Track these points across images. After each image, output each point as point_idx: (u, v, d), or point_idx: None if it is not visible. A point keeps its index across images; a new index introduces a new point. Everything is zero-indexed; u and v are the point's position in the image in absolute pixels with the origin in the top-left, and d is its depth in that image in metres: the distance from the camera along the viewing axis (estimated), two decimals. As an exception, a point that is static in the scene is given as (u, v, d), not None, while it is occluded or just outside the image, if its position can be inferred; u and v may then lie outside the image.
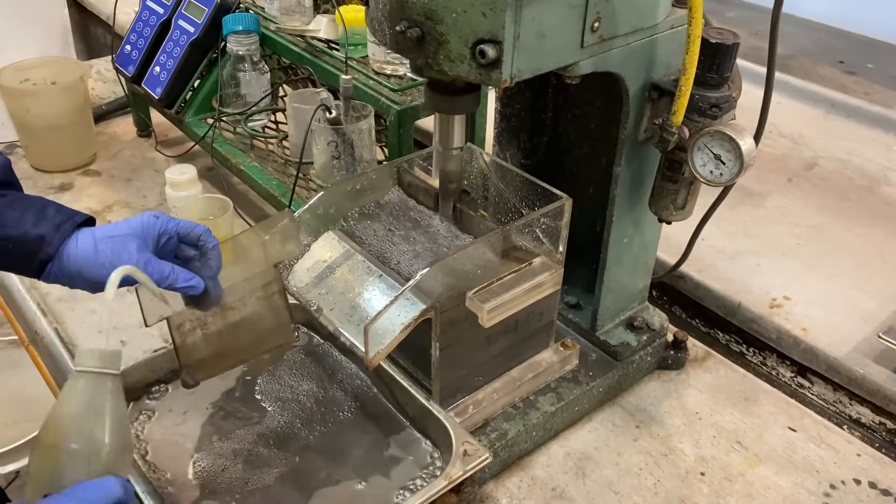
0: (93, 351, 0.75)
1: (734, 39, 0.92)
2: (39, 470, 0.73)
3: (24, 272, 0.87)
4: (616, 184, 1.05)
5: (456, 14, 0.78)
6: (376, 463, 0.97)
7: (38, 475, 0.73)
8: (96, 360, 0.74)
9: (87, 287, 0.87)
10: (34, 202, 0.87)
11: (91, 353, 0.75)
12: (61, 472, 0.71)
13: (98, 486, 0.71)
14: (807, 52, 2.57)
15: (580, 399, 1.13)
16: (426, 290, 0.90)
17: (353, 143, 1.27)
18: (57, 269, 0.86)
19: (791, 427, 1.15)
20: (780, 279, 1.41)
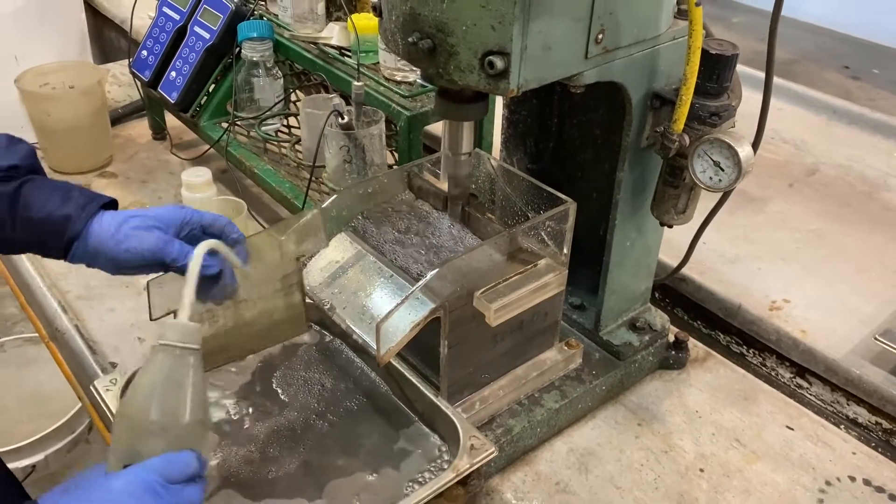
0: (175, 325, 0.77)
1: (733, 50, 0.95)
2: (120, 440, 0.75)
3: (52, 253, 0.91)
4: (619, 189, 1.08)
5: (466, 27, 0.82)
6: (386, 456, 1.00)
7: (119, 446, 0.75)
8: (178, 335, 0.76)
9: (110, 267, 0.91)
10: (59, 185, 0.92)
11: (173, 327, 0.76)
12: (141, 444, 0.74)
13: (176, 459, 0.73)
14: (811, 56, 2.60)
15: (583, 397, 1.16)
16: (435, 290, 0.94)
17: (365, 148, 1.31)
18: (82, 248, 0.89)
19: (789, 426, 1.18)
20: (780, 283, 1.45)
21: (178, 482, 0.73)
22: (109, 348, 1.27)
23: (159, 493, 0.71)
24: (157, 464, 0.73)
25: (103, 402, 1.01)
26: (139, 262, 0.89)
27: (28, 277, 1.42)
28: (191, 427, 0.76)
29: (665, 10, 0.97)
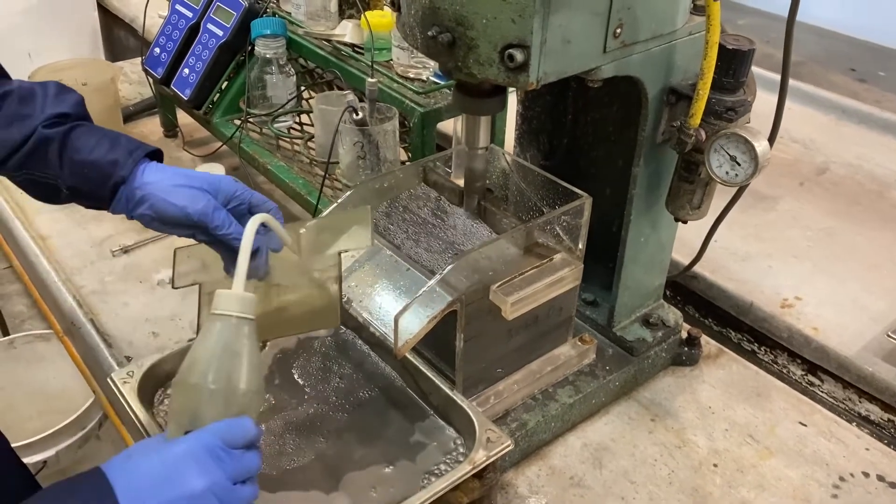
0: (231, 295, 0.77)
1: (750, 46, 0.96)
2: (179, 407, 0.76)
3: (98, 199, 0.91)
4: (634, 184, 1.09)
5: (486, 20, 0.83)
6: (403, 449, 1.01)
7: (179, 412, 0.76)
8: (234, 305, 0.77)
9: (149, 218, 0.90)
10: (108, 133, 0.93)
11: (229, 297, 0.77)
12: (200, 411, 0.74)
13: (236, 425, 0.74)
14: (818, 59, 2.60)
15: (597, 392, 1.16)
16: (452, 284, 0.94)
17: (378, 144, 1.32)
18: (128, 193, 0.90)
19: (802, 422, 1.18)
20: (791, 280, 1.45)
21: (238, 448, 0.74)
22: (124, 342, 1.27)
23: (221, 458, 0.72)
24: (218, 429, 0.73)
25: (120, 395, 1.02)
26: (182, 220, 0.89)
27: (43, 273, 1.43)
28: (247, 395, 0.76)
29: (682, 6, 0.97)
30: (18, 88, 0.94)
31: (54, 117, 0.91)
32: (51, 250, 1.49)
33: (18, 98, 0.92)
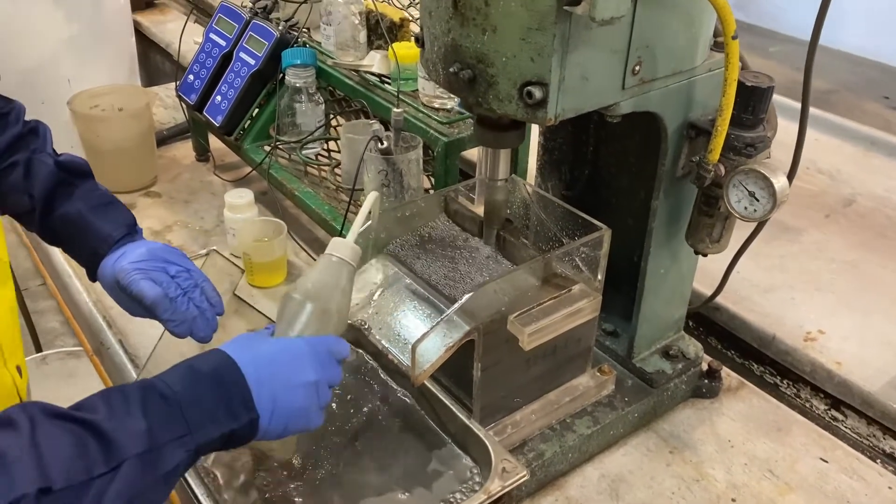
0: (345, 243, 0.93)
1: (769, 83, 0.96)
2: (286, 316, 0.89)
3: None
4: (654, 217, 1.10)
5: (506, 58, 0.85)
6: (418, 476, 1.02)
7: (284, 320, 0.89)
8: (346, 251, 0.92)
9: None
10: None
11: (344, 244, 0.92)
12: (297, 322, 0.88)
13: (338, 342, 0.88)
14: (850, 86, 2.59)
15: (615, 423, 1.16)
16: (470, 313, 0.96)
17: (402, 172, 1.34)
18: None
19: (823, 458, 1.17)
20: (814, 313, 1.44)
21: (336, 360, 0.87)
22: (151, 363, 1.30)
23: (325, 363, 0.85)
24: (328, 340, 0.87)
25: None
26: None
27: (75, 293, 1.47)
28: (340, 324, 0.91)
29: (702, 43, 0.99)
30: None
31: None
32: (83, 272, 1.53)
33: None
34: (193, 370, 0.78)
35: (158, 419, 0.71)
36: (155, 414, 0.72)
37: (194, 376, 0.77)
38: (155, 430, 0.71)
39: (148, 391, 0.73)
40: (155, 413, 0.72)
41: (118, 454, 0.68)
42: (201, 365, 0.79)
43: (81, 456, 0.66)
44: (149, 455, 0.69)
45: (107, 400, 0.71)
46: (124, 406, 0.71)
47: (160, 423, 0.71)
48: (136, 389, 0.73)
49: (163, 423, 0.72)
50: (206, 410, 0.75)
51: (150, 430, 0.70)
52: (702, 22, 0.96)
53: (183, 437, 0.72)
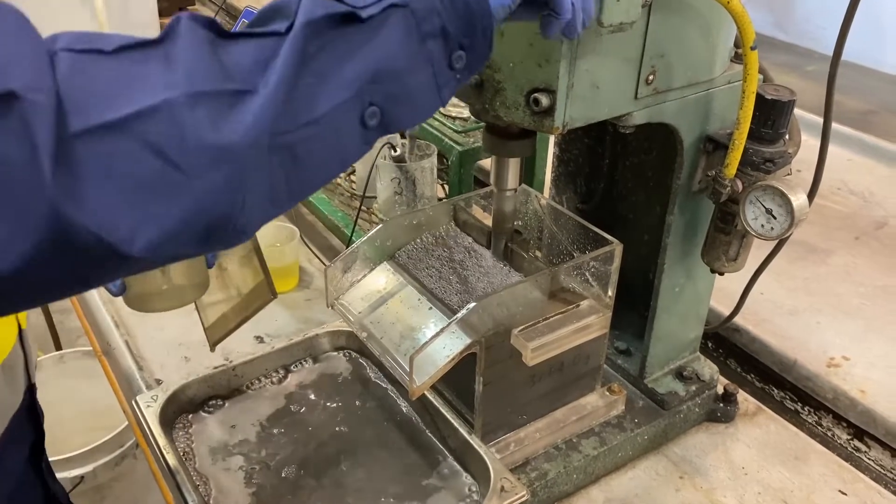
0: None
1: (790, 97, 0.93)
2: None
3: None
4: (668, 232, 1.06)
5: (513, 64, 0.82)
6: (416, 491, 0.99)
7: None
8: None
9: None
10: None
11: None
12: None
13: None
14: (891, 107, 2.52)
15: (624, 445, 1.13)
16: (472, 325, 0.93)
17: (416, 181, 1.32)
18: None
19: (842, 490, 1.12)
20: (839, 339, 1.39)
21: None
22: (156, 365, 1.30)
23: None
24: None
25: (143, 417, 1.03)
26: None
27: (86, 293, 1.47)
28: None
29: (720, 54, 0.95)
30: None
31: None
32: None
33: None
34: None
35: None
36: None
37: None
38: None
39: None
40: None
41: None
42: None
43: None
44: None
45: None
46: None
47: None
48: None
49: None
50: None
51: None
52: (720, 31, 0.92)
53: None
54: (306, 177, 0.58)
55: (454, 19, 0.62)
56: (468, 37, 0.63)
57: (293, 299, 1.46)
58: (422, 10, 0.60)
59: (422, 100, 0.63)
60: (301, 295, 1.48)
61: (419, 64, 0.61)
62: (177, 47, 0.52)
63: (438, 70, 0.62)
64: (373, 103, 0.60)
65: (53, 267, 0.47)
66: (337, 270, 1.06)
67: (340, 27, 0.57)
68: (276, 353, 1.16)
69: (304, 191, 0.60)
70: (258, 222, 0.57)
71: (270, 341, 1.31)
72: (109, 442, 1.89)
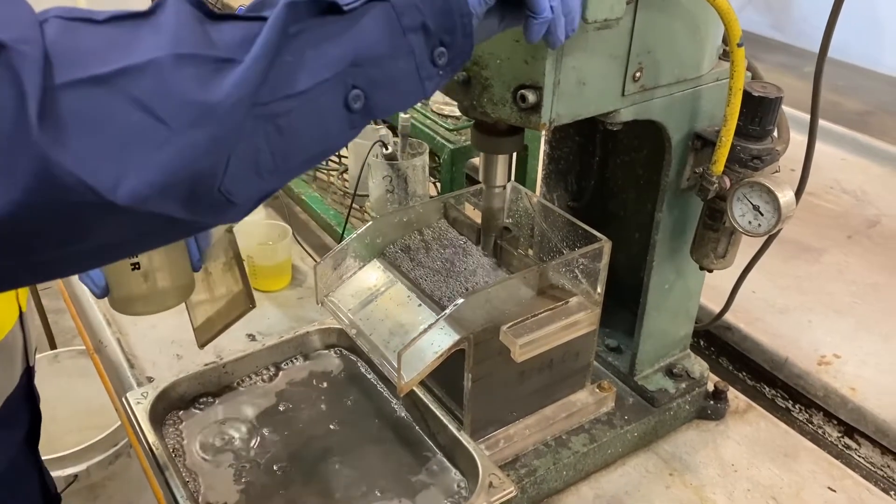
0: None
1: (777, 93, 0.93)
2: None
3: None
4: (657, 230, 1.06)
5: (500, 60, 0.82)
6: (404, 487, 0.99)
7: None
8: None
9: None
10: None
11: None
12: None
13: None
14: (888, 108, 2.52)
15: (613, 442, 1.13)
16: (460, 321, 0.93)
17: (408, 179, 1.32)
18: None
19: (831, 487, 1.12)
20: (830, 336, 1.39)
21: None
22: (148, 363, 1.30)
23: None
24: None
25: (133, 414, 1.03)
26: None
27: (79, 290, 1.47)
28: None
29: (708, 51, 0.96)
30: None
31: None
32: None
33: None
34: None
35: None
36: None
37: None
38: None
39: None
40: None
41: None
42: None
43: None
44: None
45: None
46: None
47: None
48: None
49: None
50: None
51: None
52: (708, 29, 0.92)
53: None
54: (291, 150, 0.59)
55: (434, 14, 0.62)
56: (449, 34, 0.63)
57: (285, 297, 1.47)
58: (401, 5, 0.61)
59: (405, 86, 0.64)
60: (293, 293, 1.48)
61: (401, 53, 0.62)
62: (165, 15, 0.54)
63: (421, 63, 0.63)
64: (356, 86, 0.60)
65: (44, 215, 0.49)
66: (327, 267, 1.07)
67: (321, 16, 0.58)
68: (267, 350, 1.16)
69: (289, 165, 0.60)
70: (244, 192, 0.58)
71: (262, 339, 1.31)
72: (103, 441, 1.89)
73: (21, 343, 0.87)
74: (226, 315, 1.08)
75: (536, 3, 0.68)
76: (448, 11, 0.63)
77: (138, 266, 0.89)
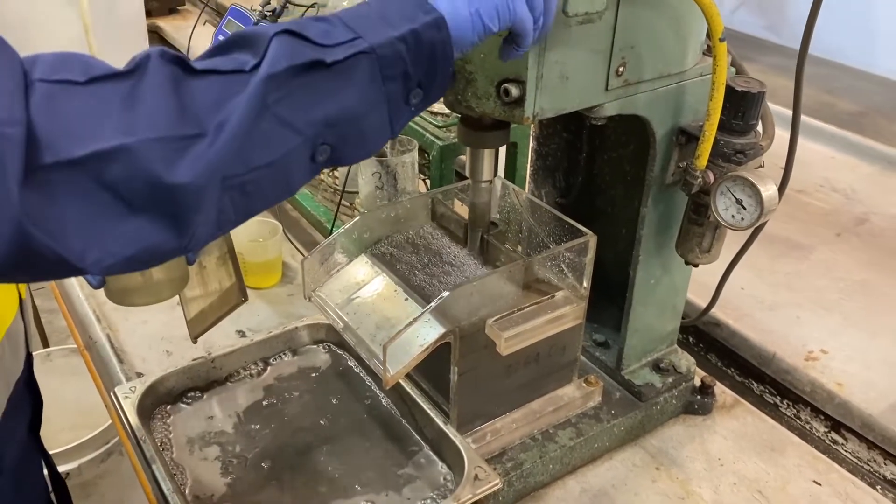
0: None
1: (760, 88, 0.94)
2: None
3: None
4: (643, 225, 1.07)
5: (483, 54, 0.83)
6: (391, 481, 1.00)
7: None
8: None
9: None
10: None
11: None
12: None
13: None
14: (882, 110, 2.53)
15: (600, 436, 1.13)
16: (446, 314, 0.94)
17: (397, 175, 1.33)
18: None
19: (816, 480, 1.13)
20: (818, 332, 1.40)
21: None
22: (138, 359, 1.30)
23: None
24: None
25: (120, 408, 1.04)
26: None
27: (69, 286, 1.47)
28: None
29: (692, 47, 0.96)
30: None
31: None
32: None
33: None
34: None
35: (318, 32, 0.62)
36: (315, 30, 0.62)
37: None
38: (318, 38, 0.61)
39: (305, 27, 0.62)
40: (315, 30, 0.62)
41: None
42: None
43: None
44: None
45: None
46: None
47: (322, 33, 0.62)
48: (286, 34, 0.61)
49: (324, 33, 0.62)
50: (372, 19, 0.64)
51: (312, 38, 0.61)
52: (691, 24, 0.93)
53: (352, 40, 0.62)
54: (254, 206, 0.63)
55: (417, 63, 0.65)
56: (428, 77, 0.66)
57: (276, 294, 1.47)
58: (387, 57, 0.63)
59: (374, 138, 0.67)
60: (284, 290, 1.48)
61: (377, 106, 0.64)
62: (143, 85, 0.57)
63: (394, 107, 0.66)
64: (325, 143, 0.63)
65: (22, 269, 0.55)
66: (314, 262, 1.07)
67: (303, 74, 0.60)
68: (256, 345, 1.17)
69: (249, 216, 0.64)
70: (203, 244, 0.62)
71: (252, 335, 1.32)
72: (95, 439, 1.89)
73: (23, 330, 0.89)
74: (218, 308, 1.09)
75: (524, 39, 0.70)
76: (432, 58, 0.65)
77: None
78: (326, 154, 0.64)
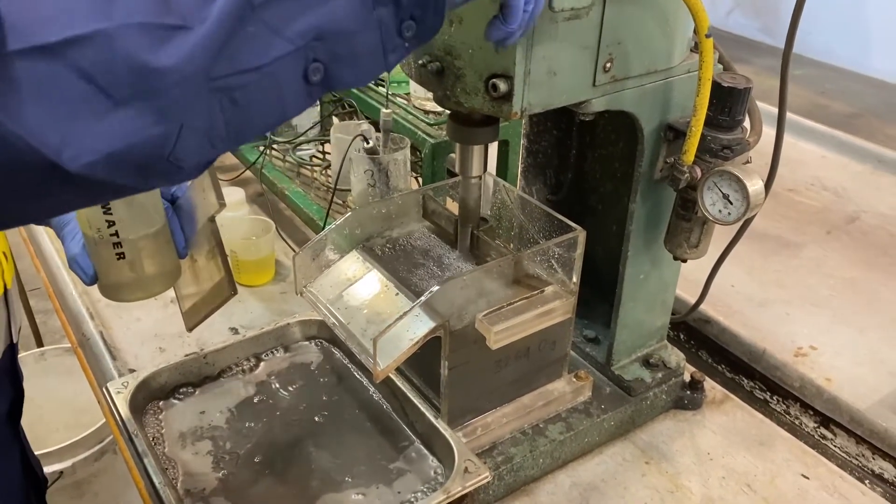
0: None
1: (746, 84, 0.95)
2: None
3: None
4: (631, 220, 1.08)
5: (472, 50, 0.84)
6: (382, 475, 1.00)
7: None
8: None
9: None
10: None
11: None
12: None
13: None
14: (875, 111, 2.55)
15: (590, 430, 1.14)
16: (436, 308, 0.95)
17: (389, 173, 1.34)
18: None
19: (804, 474, 1.14)
20: (807, 329, 1.41)
21: None
22: (130, 355, 1.31)
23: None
24: None
25: (112, 404, 1.04)
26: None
27: (62, 284, 1.48)
28: None
29: (679, 43, 0.97)
30: None
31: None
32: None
33: None
34: None
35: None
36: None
37: None
38: None
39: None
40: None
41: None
42: None
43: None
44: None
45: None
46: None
47: None
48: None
49: None
50: None
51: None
52: (678, 20, 0.94)
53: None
54: (245, 122, 0.59)
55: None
56: (420, 8, 0.64)
57: (269, 292, 1.48)
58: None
59: (367, 62, 0.64)
60: (276, 288, 1.49)
61: (368, 27, 0.62)
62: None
63: (387, 36, 0.63)
64: (317, 59, 0.60)
65: (2, 172, 0.50)
66: (305, 258, 1.08)
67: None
68: (248, 341, 1.17)
69: (242, 134, 0.61)
70: (193, 159, 0.58)
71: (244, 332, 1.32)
72: (88, 437, 1.90)
73: (4, 319, 0.89)
74: (210, 301, 1.09)
75: (512, 13, 0.70)
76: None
77: (124, 256, 0.90)
78: (320, 73, 0.61)
